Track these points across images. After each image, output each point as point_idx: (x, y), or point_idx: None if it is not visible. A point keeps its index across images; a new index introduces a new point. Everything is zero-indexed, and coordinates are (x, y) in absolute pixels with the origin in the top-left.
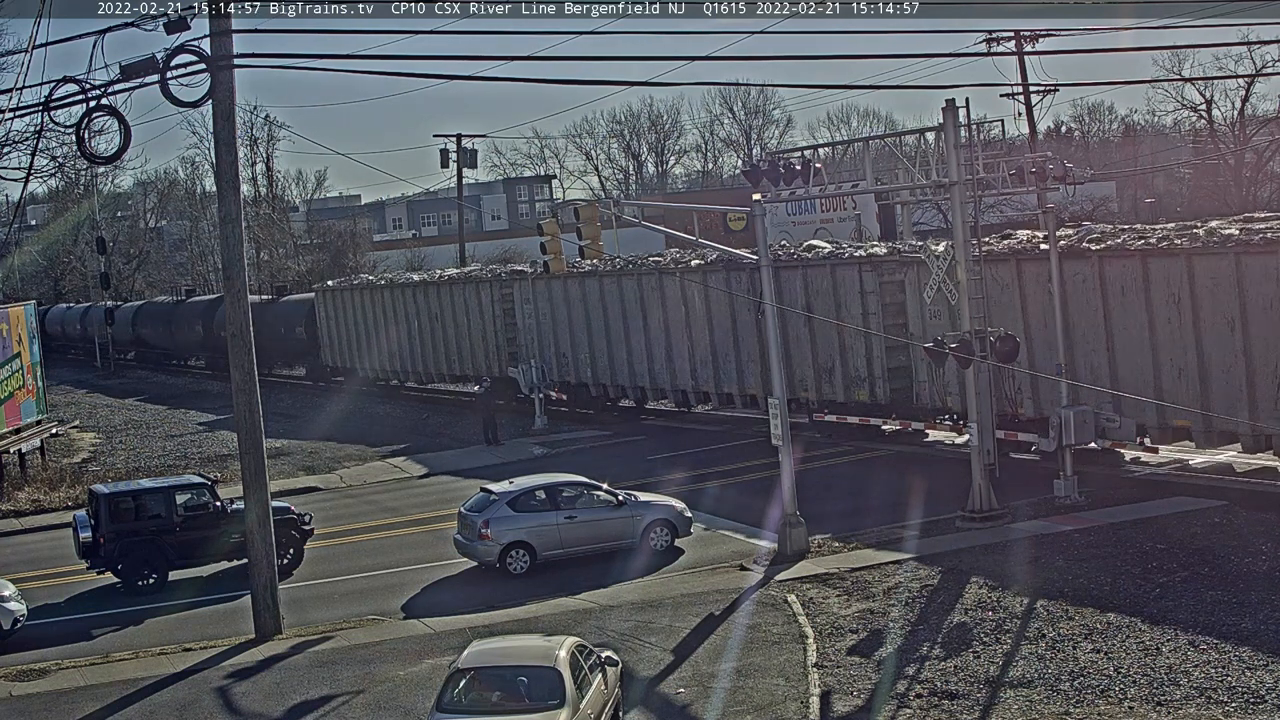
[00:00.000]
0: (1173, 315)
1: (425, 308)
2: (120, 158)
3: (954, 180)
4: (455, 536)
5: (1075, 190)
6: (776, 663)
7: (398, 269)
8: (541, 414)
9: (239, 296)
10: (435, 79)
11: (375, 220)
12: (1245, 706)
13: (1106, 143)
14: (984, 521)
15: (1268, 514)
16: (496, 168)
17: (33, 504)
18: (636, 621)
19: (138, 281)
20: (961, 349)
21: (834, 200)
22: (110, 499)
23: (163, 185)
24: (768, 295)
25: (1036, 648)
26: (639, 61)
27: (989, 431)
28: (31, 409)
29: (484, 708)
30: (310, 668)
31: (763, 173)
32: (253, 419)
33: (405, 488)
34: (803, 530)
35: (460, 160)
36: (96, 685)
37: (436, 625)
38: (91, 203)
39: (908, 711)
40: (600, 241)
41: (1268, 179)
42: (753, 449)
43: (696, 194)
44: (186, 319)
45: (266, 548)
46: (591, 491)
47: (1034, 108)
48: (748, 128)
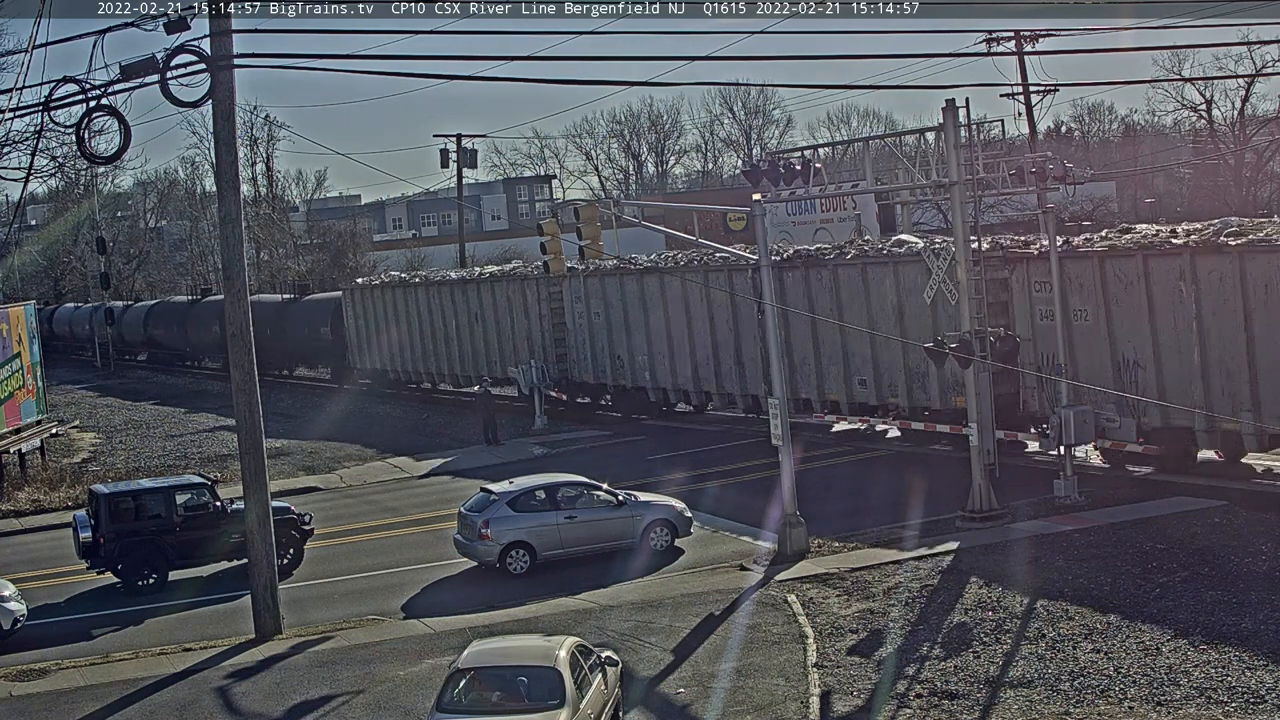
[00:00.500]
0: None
1: (464, 307)
2: (120, 158)
3: (954, 180)
4: (455, 536)
5: (1075, 190)
6: (776, 663)
7: (397, 268)
8: (541, 414)
9: (239, 296)
10: (435, 79)
11: (375, 220)
12: (1245, 706)
13: (1106, 143)
14: (984, 521)
15: (1268, 514)
16: (496, 168)
17: (33, 504)
18: (636, 621)
19: (138, 281)
20: (962, 349)
21: (834, 200)
22: (110, 499)
23: (163, 185)
24: (768, 295)
25: (1036, 648)
26: (639, 61)
27: (989, 431)
28: (31, 409)
29: (484, 708)
30: (310, 668)
31: (763, 173)
32: (253, 419)
33: (405, 488)
34: (803, 530)
35: (460, 160)
36: (96, 685)
37: (436, 625)
38: (91, 203)
39: (908, 711)
40: (600, 241)
41: (1268, 179)
42: (753, 449)
43: (696, 194)
44: (203, 319)
45: (266, 548)
46: (591, 491)
47: (1034, 108)
48: (748, 128)
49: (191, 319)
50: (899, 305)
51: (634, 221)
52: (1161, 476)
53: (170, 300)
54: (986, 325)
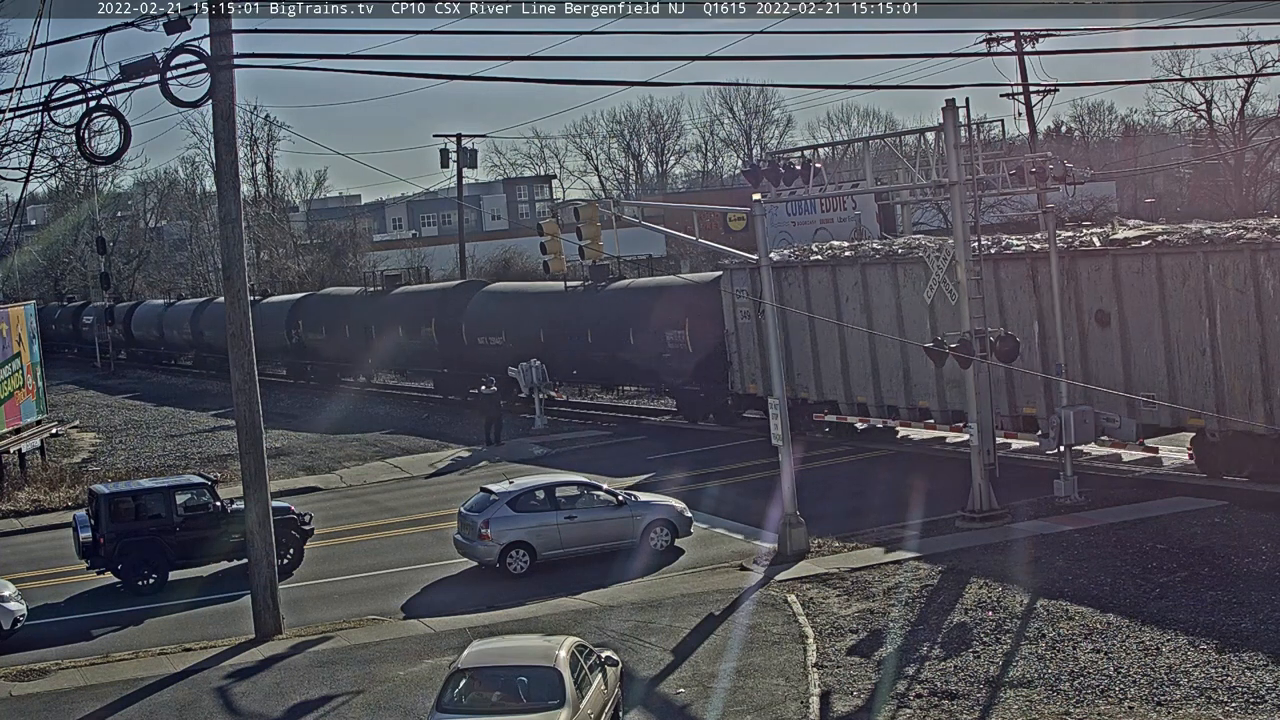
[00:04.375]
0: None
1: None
2: (120, 158)
3: (954, 180)
4: (455, 536)
5: (1075, 190)
6: (776, 663)
7: (397, 268)
8: (541, 414)
9: (239, 296)
10: (435, 79)
11: (375, 220)
12: (1245, 706)
13: (1106, 143)
14: (984, 521)
15: (1268, 514)
16: (496, 168)
17: (33, 504)
18: (636, 621)
19: (137, 281)
20: (962, 349)
21: (834, 200)
22: (110, 499)
23: (163, 185)
24: (767, 295)
25: (1036, 648)
26: (639, 61)
27: (989, 431)
28: (31, 409)
29: (484, 708)
30: (310, 668)
31: (763, 173)
32: (253, 419)
33: (405, 488)
34: (803, 530)
35: (460, 160)
36: (96, 685)
37: (436, 625)
38: (91, 203)
39: (908, 711)
40: (600, 241)
41: (1268, 179)
42: (753, 449)
43: (696, 194)
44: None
45: (266, 548)
46: (591, 491)
47: (1034, 108)
48: (748, 128)
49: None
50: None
51: (634, 221)
52: (1162, 476)
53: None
54: (985, 325)
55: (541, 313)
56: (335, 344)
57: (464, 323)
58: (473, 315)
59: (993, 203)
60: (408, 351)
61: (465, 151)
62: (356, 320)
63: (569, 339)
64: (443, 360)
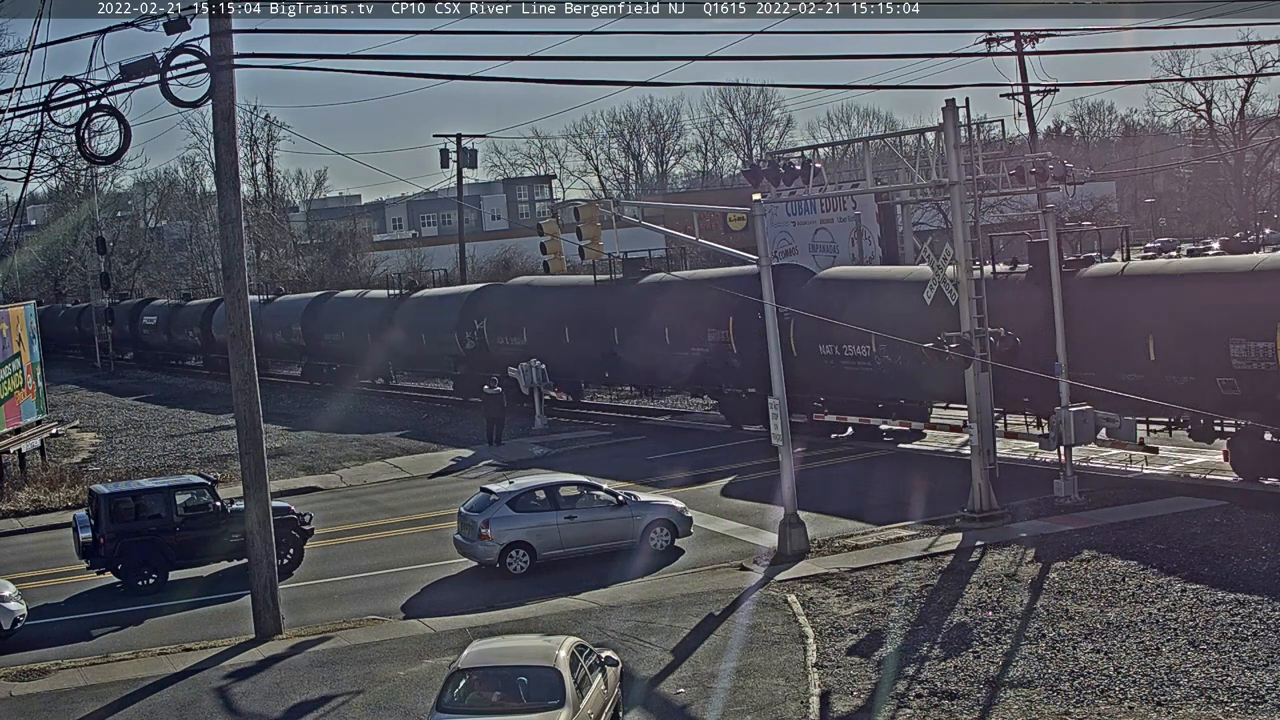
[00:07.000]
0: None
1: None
2: (120, 158)
3: (954, 180)
4: (455, 536)
5: (1075, 190)
6: (776, 663)
7: (397, 269)
8: (541, 414)
9: (240, 296)
10: (435, 79)
11: (375, 220)
12: (1245, 706)
13: (1106, 143)
14: (984, 521)
15: (1268, 514)
16: (496, 168)
17: (33, 504)
18: (636, 621)
19: (138, 281)
20: (961, 349)
21: (834, 200)
22: (110, 499)
23: (163, 185)
24: (767, 296)
25: (1036, 648)
26: (639, 61)
27: (989, 431)
28: (31, 409)
29: (484, 708)
30: (310, 668)
31: (763, 173)
32: (253, 419)
33: (405, 488)
34: (803, 530)
35: (460, 160)
36: (96, 685)
37: (436, 625)
38: (91, 203)
39: (908, 711)
40: (600, 241)
41: (1268, 179)
42: (753, 449)
43: (696, 194)
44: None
45: (266, 548)
46: (591, 491)
47: (1034, 108)
48: (748, 128)
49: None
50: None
51: (634, 221)
52: (1161, 476)
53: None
54: (986, 325)
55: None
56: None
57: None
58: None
59: (993, 203)
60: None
61: (465, 151)
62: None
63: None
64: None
